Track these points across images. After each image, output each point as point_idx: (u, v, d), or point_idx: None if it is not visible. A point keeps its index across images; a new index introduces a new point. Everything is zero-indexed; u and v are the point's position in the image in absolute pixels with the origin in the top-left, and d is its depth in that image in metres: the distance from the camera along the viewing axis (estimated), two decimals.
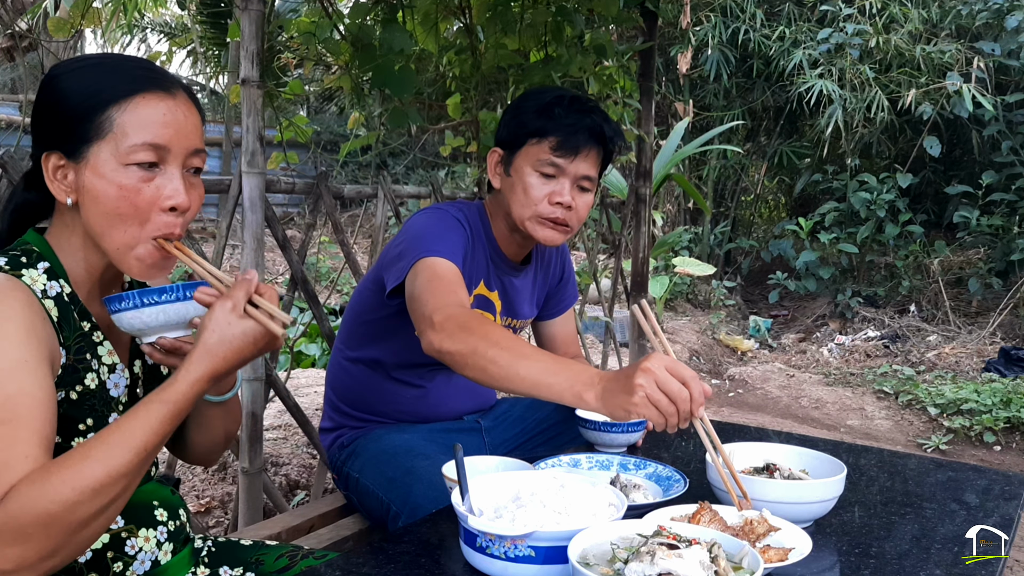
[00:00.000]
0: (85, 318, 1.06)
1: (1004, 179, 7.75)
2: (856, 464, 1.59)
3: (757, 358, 7.13)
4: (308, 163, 10.77)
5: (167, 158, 1.02)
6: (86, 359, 1.04)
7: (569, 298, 2.04)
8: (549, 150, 1.64)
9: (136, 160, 1.00)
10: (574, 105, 1.67)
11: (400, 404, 1.84)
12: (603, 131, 1.67)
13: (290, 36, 3.62)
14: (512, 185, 1.70)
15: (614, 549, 0.97)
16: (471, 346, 1.30)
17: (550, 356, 1.28)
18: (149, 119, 1.01)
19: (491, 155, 1.76)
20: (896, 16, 8.05)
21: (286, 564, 1.25)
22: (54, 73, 1.04)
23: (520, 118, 1.69)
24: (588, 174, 1.68)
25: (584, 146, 1.65)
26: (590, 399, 1.17)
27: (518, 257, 1.85)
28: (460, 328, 1.33)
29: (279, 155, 2.73)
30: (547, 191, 1.66)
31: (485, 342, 1.28)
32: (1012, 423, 4.90)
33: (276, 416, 3.86)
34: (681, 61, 8.59)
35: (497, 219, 1.79)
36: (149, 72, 1.05)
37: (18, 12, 2.17)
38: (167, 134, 1.02)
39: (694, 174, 10.05)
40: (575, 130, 1.64)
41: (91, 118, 1.00)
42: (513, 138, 1.70)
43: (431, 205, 1.85)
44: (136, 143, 1.00)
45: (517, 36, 2.85)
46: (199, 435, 1.25)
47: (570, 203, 1.67)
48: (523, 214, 1.68)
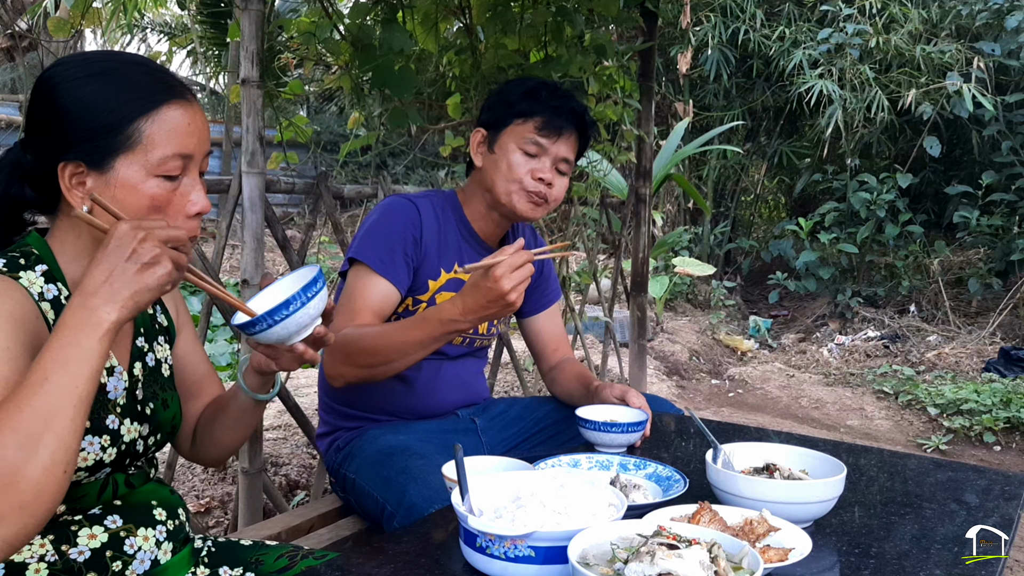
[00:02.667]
0: None
1: (1004, 179, 7.75)
2: (856, 464, 1.59)
3: (757, 358, 7.13)
4: (308, 163, 10.76)
5: (189, 166, 1.05)
6: None
7: (552, 293, 2.07)
8: (534, 130, 1.75)
9: (166, 172, 1.02)
10: (558, 90, 1.80)
11: (389, 397, 1.84)
12: (583, 116, 1.80)
13: (290, 36, 3.62)
14: (495, 162, 1.78)
15: (614, 549, 0.97)
16: (363, 363, 1.59)
17: (409, 320, 1.57)
18: (176, 129, 1.02)
19: (474, 134, 1.83)
20: (896, 16, 8.05)
21: (286, 564, 1.25)
22: (61, 78, 1.02)
23: (506, 99, 1.79)
24: (567, 156, 1.79)
25: (566, 128, 1.76)
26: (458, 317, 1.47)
27: (493, 239, 1.90)
28: (345, 358, 1.60)
29: (279, 155, 2.73)
30: (529, 168, 1.76)
31: (366, 353, 1.58)
32: (1012, 423, 4.90)
33: (276, 416, 3.86)
34: (681, 61, 8.58)
35: (474, 199, 1.86)
36: (167, 78, 1.06)
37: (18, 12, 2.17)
38: (192, 143, 1.04)
39: (694, 174, 10.05)
40: (559, 112, 1.75)
41: (118, 129, 1.00)
42: (498, 119, 1.79)
43: (392, 195, 1.93)
44: (167, 154, 1.01)
45: (517, 36, 2.84)
46: (229, 433, 1.28)
47: (551, 180, 1.77)
48: (508, 188, 1.77)
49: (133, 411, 1.10)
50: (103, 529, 1.06)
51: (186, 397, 1.30)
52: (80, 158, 1.00)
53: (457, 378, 1.91)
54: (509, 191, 1.76)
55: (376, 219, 1.78)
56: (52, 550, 1.02)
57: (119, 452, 1.06)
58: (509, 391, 4.79)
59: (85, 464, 1.02)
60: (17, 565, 1.00)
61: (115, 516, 1.08)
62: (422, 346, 1.55)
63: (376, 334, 1.60)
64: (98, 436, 1.03)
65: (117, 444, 1.05)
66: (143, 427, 1.11)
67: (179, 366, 1.28)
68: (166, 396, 1.19)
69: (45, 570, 1.01)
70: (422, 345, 1.55)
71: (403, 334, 1.56)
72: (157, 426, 1.15)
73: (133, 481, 1.13)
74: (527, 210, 1.78)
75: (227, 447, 1.31)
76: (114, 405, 1.07)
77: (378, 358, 1.58)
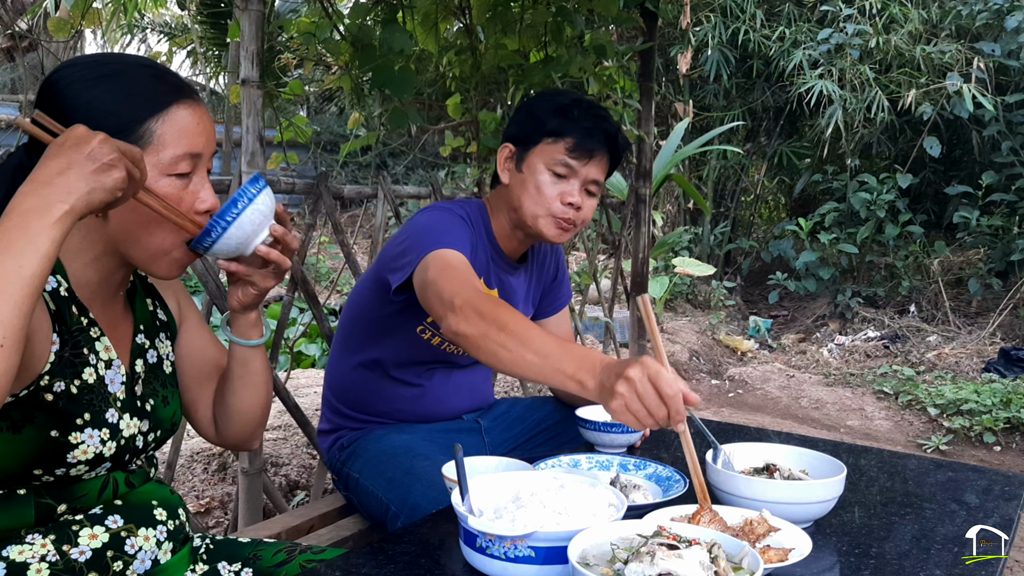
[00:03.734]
0: (83, 314, 1.06)
1: (1004, 179, 7.75)
2: (856, 464, 1.59)
3: (757, 358, 7.12)
4: (308, 163, 10.77)
5: (198, 165, 1.06)
6: (83, 353, 1.04)
7: (563, 297, 2.05)
8: (564, 151, 1.68)
9: (178, 171, 1.03)
10: (591, 109, 1.72)
11: (399, 403, 1.84)
12: (616, 138, 1.72)
13: (290, 36, 3.62)
14: (523, 182, 1.72)
15: (614, 549, 0.97)
16: (483, 331, 1.33)
17: (556, 343, 1.28)
18: (186, 129, 1.03)
19: (502, 150, 1.78)
20: (896, 16, 8.05)
21: (284, 559, 1.26)
22: (69, 80, 1.02)
23: (536, 117, 1.72)
24: (597, 179, 1.72)
25: (598, 150, 1.69)
26: (591, 388, 1.18)
27: (516, 255, 1.87)
28: (476, 312, 1.35)
29: (279, 155, 2.73)
30: (558, 191, 1.69)
31: (496, 327, 1.31)
32: (1012, 423, 4.90)
33: (276, 416, 3.86)
34: (681, 61, 8.58)
35: (499, 215, 1.80)
36: (174, 80, 1.07)
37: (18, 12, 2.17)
38: (201, 142, 1.05)
39: (694, 174, 10.05)
40: (591, 133, 1.68)
41: (129, 130, 1.00)
42: (527, 136, 1.72)
43: (433, 203, 1.86)
44: (178, 154, 1.02)
45: (517, 36, 2.84)
46: (239, 397, 1.26)
47: (580, 204, 1.71)
48: (536, 211, 1.71)
49: (133, 407, 1.10)
50: (104, 529, 1.06)
51: (202, 382, 1.30)
52: None
53: (467, 385, 1.90)
54: (536, 215, 1.71)
55: (430, 219, 1.68)
56: (53, 550, 1.02)
57: (118, 447, 1.06)
58: (509, 391, 4.79)
59: (85, 457, 1.02)
60: (18, 565, 1.00)
61: (116, 516, 1.08)
62: (538, 372, 1.27)
63: (520, 320, 1.34)
64: (98, 429, 1.03)
65: (116, 438, 1.06)
66: (143, 423, 1.12)
67: (190, 354, 1.28)
68: (167, 393, 1.19)
69: (47, 570, 1.01)
70: (538, 372, 1.27)
71: (541, 346, 1.27)
72: (157, 423, 1.15)
73: (133, 480, 1.13)
74: (554, 236, 1.73)
75: (246, 415, 1.28)
76: (114, 399, 1.08)
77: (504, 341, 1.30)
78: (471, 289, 1.43)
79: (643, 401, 1.11)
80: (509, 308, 1.38)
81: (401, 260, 1.63)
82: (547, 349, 1.26)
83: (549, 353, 1.25)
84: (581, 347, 1.28)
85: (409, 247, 1.63)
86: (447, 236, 1.60)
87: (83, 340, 1.05)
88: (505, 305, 1.40)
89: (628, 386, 1.11)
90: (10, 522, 1.01)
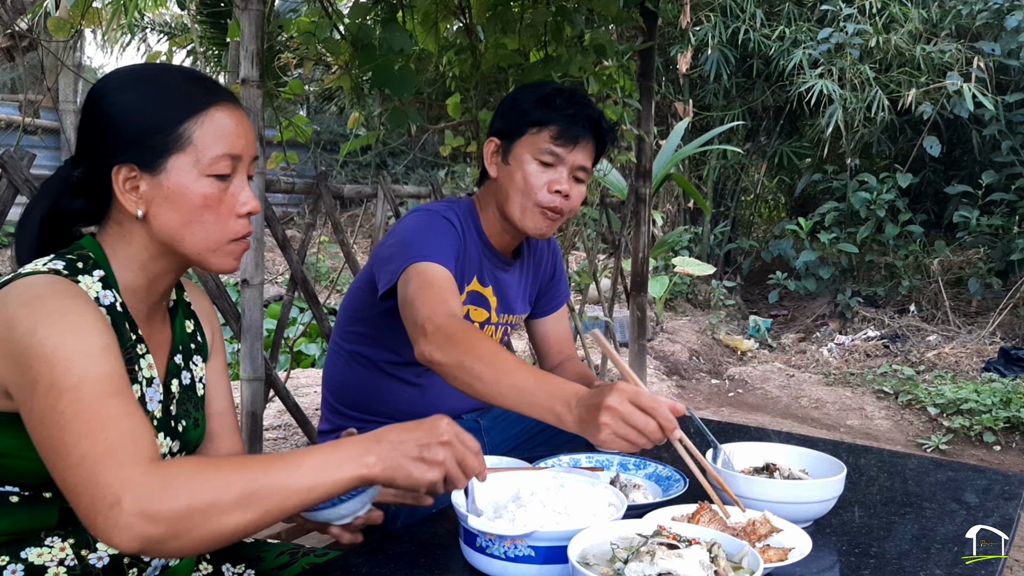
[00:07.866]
0: (133, 330, 1.07)
1: (1004, 179, 7.75)
2: (856, 464, 1.59)
3: (757, 358, 7.13)
4: (308, 163, 10.77)
5: (238, 167, 1.07)
6: (133, 370, 1.05)
7: (562, 296, 2.05)
8: (549, 139, 1.68)
9: (217, 172, 1.04)
10: (573, 97, 1.72)
11: (398, 403, 1.83)
12: (600, 123, 1.73)
13: (290, 36, 3.63)
14: (510, 173, 1.72)
15: (614, 549, 0.97)
16: (457, 360, 1.33)
17: (533, 373, 1.28)
18: (224, 130, 1.05)
19: (488, 144, 1.78)
20: (896, 16, 8.04)
21: (286, 561, 1.26)
22: (108, 88, 1.05)
23: (520, 108, 1.73)
24: (584, 165, 1.73)
25: (583, 136, 1.70)
26: (569, 423, 1.19)
27: (508, 250, 1.87)
28: (448, 340, 1.36)
29: (279, 155, 2.74)
30: (546, 179, 1.70)
31: (471, 356, 1.31)
32: (1012, 423, 4.90)
33: (276, 416, 3.86)
34: (681, 61, 8.58)
35: (488, 211, 1.80)
36: (212, 84, 1.09)
37: (18, 12, 2.17)
38: (240, 144, 1.06)
39: (694, 174, 10.04)
40: (575, 120, 1.69)
41: (169, 130, 1.02)
42: (512, 128, 1.73)
43: (420, 205, 1.86)
44: (217, 154, 1.04)
45: (517, 36, 2.84)
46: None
47: (568, 191, 1.71)
48: (523, 204, 1.71)
49: (167, 426, 1.11)
50: None
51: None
52: (132, 160, 1.02)
53: None
54: (524, 208, 1.71)
55: (415, 226, 1.67)
56: (72, 555, 1.03)
57: None
58: None
59: None
60: (37, 568, 1.01)
61: None
62: (514, 404, 1.26)
63: (494, 349, 1.33)
64: None
65: None
66: (174, 443, 1.12)
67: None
68: (197, 416, 1.19)
69: (64, 574, 1.02)
70: (515, 404, 1.26)
71: (515, 379, 1.27)
72: (185, 444, 1.15)
73: None
74: (541, 228, 1.73)
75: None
76: (151, 417, 1.08)
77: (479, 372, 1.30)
78: (444, 314, 1.42)
79: (629, 422, 1.12)
80: (483, 336, 1.39)
81: (387, 267, 1.63)
82: (522, 382, 1.25)
83: (525, 387, 1.25)
84: (556, 379, 1.27)
85: (394, 254, 1.63)
86: (430, 247, 1.59)
87: (133, 356, 1.06)
88: (478, 332, 1.40)
89: (611, 414, 1.12)
90: (32, 523, 1.02)
